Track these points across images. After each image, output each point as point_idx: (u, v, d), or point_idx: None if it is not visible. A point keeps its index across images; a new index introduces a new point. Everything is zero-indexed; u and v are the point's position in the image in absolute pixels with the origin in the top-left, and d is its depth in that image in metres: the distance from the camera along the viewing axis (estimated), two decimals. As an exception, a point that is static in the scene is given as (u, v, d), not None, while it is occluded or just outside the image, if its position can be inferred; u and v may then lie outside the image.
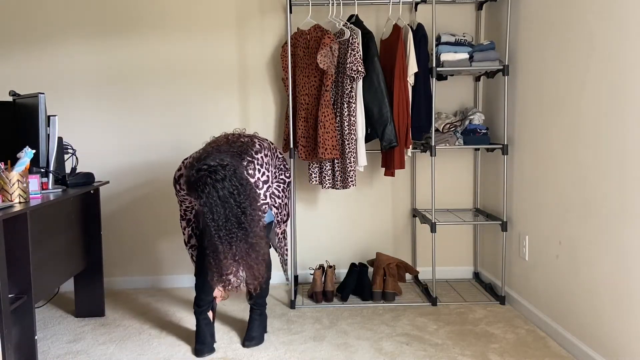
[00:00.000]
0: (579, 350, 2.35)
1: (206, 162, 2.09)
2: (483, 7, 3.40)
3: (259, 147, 2.41)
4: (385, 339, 2.61)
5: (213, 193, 2.05)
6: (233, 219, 2.10)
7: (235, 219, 2.10)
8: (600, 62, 2.18)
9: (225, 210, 2.08)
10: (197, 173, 2.07)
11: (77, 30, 3.37)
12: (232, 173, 2.10)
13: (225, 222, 2.09)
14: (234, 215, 2.10)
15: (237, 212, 2.10)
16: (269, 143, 2.56)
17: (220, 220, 2.08)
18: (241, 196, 2.10)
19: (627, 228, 2.03)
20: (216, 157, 2.12)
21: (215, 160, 2.10)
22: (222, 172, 2.07)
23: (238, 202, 2.10)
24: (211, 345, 2.51)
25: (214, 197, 2.06)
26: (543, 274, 2.69)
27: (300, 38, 3.15)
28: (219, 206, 2.07)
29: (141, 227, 3.49)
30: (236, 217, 2.10)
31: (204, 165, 2.08)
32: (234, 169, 2.12)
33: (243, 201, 2.11)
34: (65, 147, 2.83)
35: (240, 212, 2.11)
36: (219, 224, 2.08)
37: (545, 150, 2.65)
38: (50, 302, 3.23)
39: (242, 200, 2.11)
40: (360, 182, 3.51)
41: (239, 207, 2.10)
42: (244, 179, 2.15)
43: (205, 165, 2.08)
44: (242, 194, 2.11)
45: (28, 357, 2.22)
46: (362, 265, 3.28)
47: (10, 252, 2.17)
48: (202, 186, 2.06)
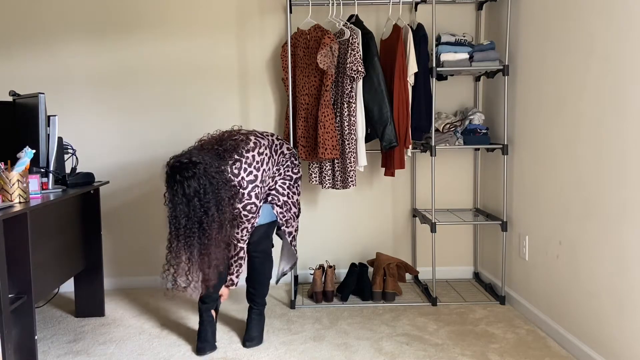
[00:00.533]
0: (579, 351, 2.35)
1: (179, 158, 2.10)
2: (483, 7, 3.40)
3: (254, 145, 2.38)
4: (385, 339, 2.61)
5: (179, 190, 2.06)
6: (195, 218, 2.09)
7: (197, 218, 2.10)
8: (601, 62, 2.19)
9: (189, 209, 2.08)
10: (170, 169, 2.09)
11: (77, 30, 3.37)
12: (202, 171, 2.08)
13: (187, 221, 2.09)
14: (196, 215, 2.09)
15: (199, 212, 2.09)
16: (272, 140, 2.50)
17: (182, 218, 2.08)
18: (207, 196, 2.09)
19: (627, 228, 2.03)
20: (192, 155, 2.12)
21: (187, 158, 2.09)
22: (192, 170, 2.07)
23: (202, 202, 2.08)
24: (212, 344, 2.51)
25: (179, 195, 2.06)
26: (543, 274, 2.69)
27: (300, 38, 3.15)
28: (183, 204, 2.07)
29: (141, 227, 3.49)
30: (198, 216, 2.09)
31: (176, 162, 2.09)
32: (204, 167, 2.10)
33: (208, 201, 2.09)
34: (65, 147, 2.83)
35: (202, 212, 2.10)
36: (179, 221, 2.09)
37: (545, 150, 2.65)
38: (50, 302, 3.23)
39: (207, 200, 2.09)
40: (360, 182, 3.51)
41: (202, 207, 2.09)
42: (215, 178, 2.12)
43: (178, 162, 2.09)
44: (209, 193, 2.09)
45: (28, 357, 2.22)
46: (362, 265, 3.28)
47: (10, 252, 2.16)
48: (170, 182, 2.08)
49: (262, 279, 2.61)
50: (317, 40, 3.08)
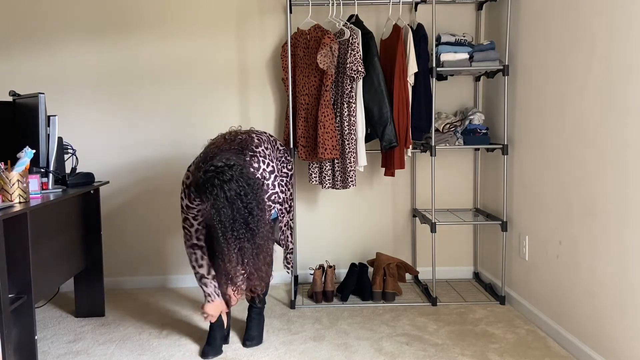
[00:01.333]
0: (579, 351, 2.35)
1: (212, 163, 2.05)
2: (483, 7, 3.40)
3: (258, 141, 2.39)
4: (385, 339, 2.61)
5: (220, 194, 2.01)
6: (240, 219, 2.06)
7: (243, 219, 2.07)
8: (601, 61, 2.18)
9: (233, 212, 2.04)
10: (205, 175, 2.03)
11: (77, 30, 3.37)
12: (239, 173, 2.06)
13: (233, 223, 2.05)
14: (242, 216, 2.06)
15: (244, 212, 2.06)
16: (268, 136, 2.53)
17: (228, 222, 2.04)
18: (248, 196, 2.06)
19: (627, 228, 2.03)
20: (222, 157, 2.08)
21: (221, 161, 2.05)
22: (229, 173, 2.03)
23: (245, 203, 2.06)
24: (219, 348, 2.49)
25: (221, 199, 2.01)
26: (543, 274, 2.69)
27: (300, 38, 3.15)
28: (227, 207, 2.02)
29: (141, 227, 3.49)
30: (243, 217, 2.07)
31: (211, 167, 2.04)
32: (240, 168, 2.07)
33: (250, 202, 2.07)
34: (65, 147, 2.83)
35: (247, 213, 2.07)
36: (226, 225, 2.04)
37: (545, 150, 2.65)
38: (50, 302, 3.23)
39: (249, 200, 2.07)
40: (360, 182, 3.51)
41: (246, 207, 2.06)
42: (251, 178, 2.11)
43: (212, 167, 2.04)
44: (250, 194, 2.07)
45: (28, 357, 2.22)
46: (362, 265, 3.28)
47: (10, 252, 2.16)
48: (210, 188, 2.02)
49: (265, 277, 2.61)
50: (317, 40, 3.08)
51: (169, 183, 3.47)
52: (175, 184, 3.47)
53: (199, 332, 2.74)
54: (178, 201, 3.47)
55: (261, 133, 2.50)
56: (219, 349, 2.50)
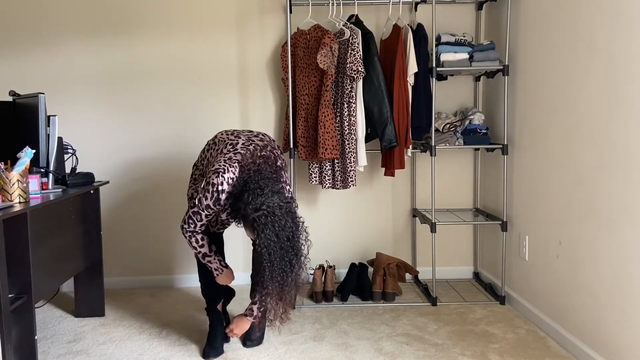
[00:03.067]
0: (579, 350, 2.35)
1: (264, 202, 2.08)
2: (483, 7, 3.40)
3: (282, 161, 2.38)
4: (385, 339, 2.61)
5: (272, 235, 2.07)
6: (287, 258, 2.12)
7: (288, 259, 2.12)
8: (601, 62, 2.18)
9: (281, 251, 2.10)
10: (256, 212, 2.07)
11: (77, 31, 3.37)
12: (286, 213, 2.11)
13: (280, 261, 2.10)
14: (288, 255, 2.12)
15: (290, 253, 2.12)
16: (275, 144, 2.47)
17: (276, 261, 2.09)
18: (295, 238, 2.13)
19: (627, 228, 2.03)
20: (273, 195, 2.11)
21: (272, 201, 2.09)
22: (279, 213, 2.08)
23: (292, 244, 2.12)
24: (220, 348, 2.49)
25: (273, 238, 2.07)
26: (543, 274, 2.69)
27: (300, 38, 3.15)
28: (277, 247, 2.08)
29: (141, 227, 3.49)
30: (289, 257, 2.12)
31: (263, 206, 2.07)
32: (288, 209, 2.13)
33: (296, 242, 2.14)
34: (65, 147, 2.83)
35: (293, 254, 2.13)
36: (274, 264, 2.09)
37: (545, 150, 2.65)
38: (50, 302, 3.23)
39: (295, 241, 2.13)
40: (360, 182, 3.51)
41: (293, 248, 2.13)
42: (297, 218, 2.17)
43: (264, 206, 2.07)
44: (296, 236, 2.14)
45: (28, 357, 2.22)
46: (362, 265, 3.28)
47: (10, 252, 2.16)
48: (262, 227, 2.07)
49: None
50: (317, 40, 3.08)
51: (169, 183, 3.47)
52: (176, 184, 3.47)
53: (199, 332, 2.74)
54: (178, 201, 3.47)
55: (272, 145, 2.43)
56: (220, 348, 2.49)
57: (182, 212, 3.48)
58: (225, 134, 2.45)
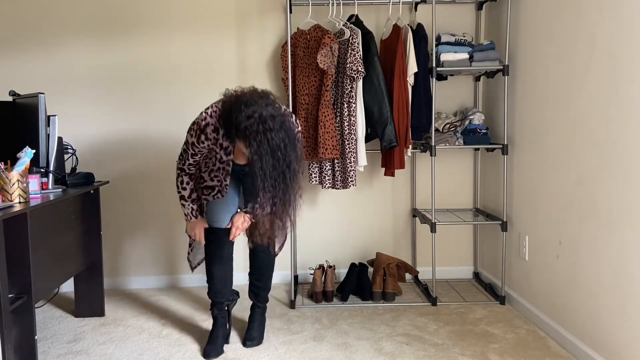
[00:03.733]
0: (579, 350, 2.35)
1: (256, 109, 2.08)
2: (483, 7, 3.40)
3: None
4: (385, 339, 2.61)
5: (264, 142, 2.06)
6: (279, 169, 2.12)
7: (281, 170, 2.13)
8: (601, 61, 2.19)
9: (274, 160, 2.10)
10: (248, 120, 2.06)
11: (77, 31, 3.37)
12: (280, 124, 2.10)
13: (272, 171, 2.11)
14: (280, 167, 2.12)
15: (282, 164, 2.12)
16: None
17: (268, 170, 2.10)
18: (287, 149, 2.12)
19: (627, 228, 2.03)
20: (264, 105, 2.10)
21: (266, 110, 2.09)
22: (271, 123, 2.07)
23: (284, 155, 2.11)
24: (220, 348, 2.50)
25: (264, 146, 2.07)
26: (543, 274, 2.69)
27: (300, 38, 3.15)
28: (268, 155, 2.08)
29: (141, 227, 3.49)
30: (281, 169, 2.12)
31: (255, 113, 2.07)
32: (282, 120, 2.12)
33: (289, 154, 2.13)
34: (65, 147, 2.83)
35: (285, 165, 2.13)
36: (266, 173, 2.10)
37: (545, 150, 2.65)
38: (50, 302, 3.23)
39: (288, 153, 2.12)
40: (360, 182, 3.51)
41: (285, 159, 2.12)
42: (292, 131, 2.16)
43: (257, 114, 2.07)
44: (289, 147, 2.12)
45: (28, 357, 2.22)
46: (362, 265, 3.28)
47: (10, 252, 2.16)
48: (253, 134, 2.06)
49: (267, 270, 2.64)
50: (317, 40, 3.08)
51: (169, 183, 3.47)
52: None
53: (199, 332, 2.74)
54: (178, 201, 3.47)
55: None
56: (221, 348, 2.50)
57: (182, 212, 3.48)
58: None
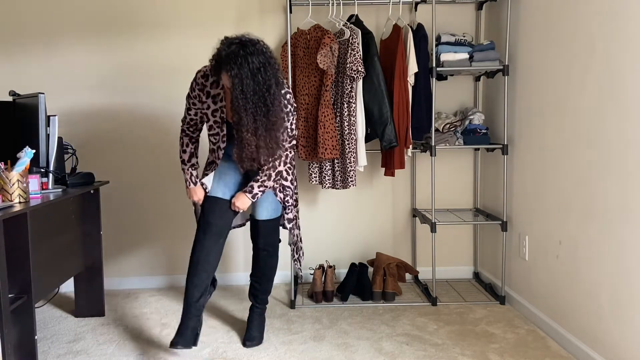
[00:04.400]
0: (579, 350, 2.35)
1: (238, 37, 2.20)
2: (483, 7, 3.40)
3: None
4: (385, 339, 2.62)
5: (244, 65, 2.13)
6: (260, 93, 2.18)
7: (261, 93, 2.19)
8: (601, 61, 2.19)
9: (254, 84, 2.16)
10: (229, 47, 2.16)
11: (78, 30, 3.37)
12: (261, 50, 2.19)
13: (253, 95, 2.17)
14: (260, 90, 2.18)
15: (262, 88, 2.18)
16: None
17: (249, 93, 2.16)
18: (268, 73, 2.19)
19: (627, 228, 2.03)
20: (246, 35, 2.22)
21: (246, 37, 2.20)
22: (253, 47, 2.17)
23: (264, 79, 2.18)
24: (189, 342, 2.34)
25: (244, 69, 2.14)
26: (543, 274, 2.69)
27: (300, 38, 3.15)
28: (249, 78, 2.15)
29: (141, 227, 3.49)
30: (262, 92, 2.19)
31: (236, 40, 2.18)
32: (263, 45, 2.21)
33: (270, 78, 2.19)
34: (65, 147, 2.83)
35: (265, 89, 2.19)
36: (246, 95, 2.16)
37: (545, 150, 2.65)
38: (50, 302, 3.23)
39: (268, 77, 2.19)
40: (360, 182, 3.51)
41: (265, 83, 2.18)
42: (272, 57, 2.24)
43: (237, 40, 2.18)
44: (269, 71, 2.19)
45: (28, 357, 2.22)
46: (362, 265, 3.28)
47: (10, 252, 2.17)
48: (234, 57, 2.14)
49: (269, 274, 2.62)
50: (317, 40, 3.08)
51: (169, 183, 3.47)
52: (176, 184, 3.47)
53: (199, 332, 2.74)
54: (178, 200, 3.47)
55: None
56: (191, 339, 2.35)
57: (182, 212, 3.49)
58: None
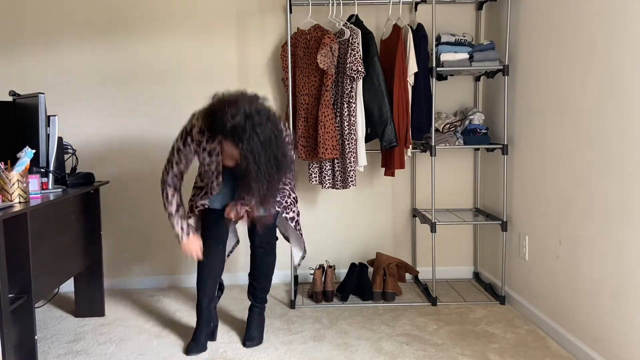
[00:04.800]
0: (579, 350, 2.35)
1: (240, 107, 2.11)
2: (483, 7, 3.40)
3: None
4: (385, 339, 2.61)
5: (254, 137, 2.10)
6: (273, 161, 2.16)
7: (274, 162, 2.17)
8: (601, 61, 2.19)
9: (266, 154, 2.13)
10: (233, 118, 2.09)
11: (77, 30, 3.37)
12: (266, 118, 2.14)
13: (267, 165, 2.14)
14: (273, 159, 2.16)
15: (275, 155, 2.16)
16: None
17: (262, 164, 2.13)
18: (278, 140, 2.17)
19: (627, 228, 2.03)
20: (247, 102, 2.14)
21: (249, 107, 2.12)
22: (257, 118, 2.11)
23: (275, 146, 2.15)
24: (204, 345, 2.51)
25: (255, 142, 2.10)
26: (543, 274, 2.69)
27: (300, 38, 3.15)
28: (260, 149, 2.11)
29: (141, 227, 3.49)
30: (275, 160, 2.16)
31: (240, 111, 2.10)
32: (267, 114, 2.16)
33: (280, 144, 2.18)
34: (65, 147, 2.83)
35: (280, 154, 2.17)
36: (260, 167, 2.13)
37: (545, 150, 2.65)
38: (50, 302, 3.23)
39: (279, 143, 2.17)
40: (360, 182, 3.51)
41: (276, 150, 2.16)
42: (277, 123, 2.21)
43: (241, 111, 2.10)
44: (279, 137, 2.17)
45: (28, 357, 2.22)
46: (362, 265, 3.28)
47: (10, 252, 2.16)
48: (241, 132, 2.09)
49: (267, 272, 2.62)
50: (317, 40, 3.08)
51: (169, 183, 3.47)
52: (175, 184, 3.47)
53: (199, 332, 2.74)
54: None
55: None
56: (203, 346, 2.51)
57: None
58: None
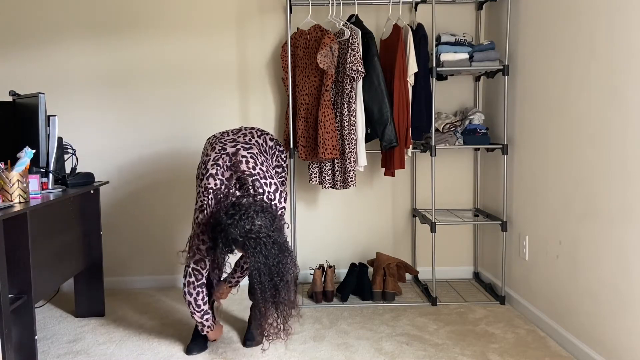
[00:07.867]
0: (579, 350, 2.35)
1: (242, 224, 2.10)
2: (483, 7, 3.40)
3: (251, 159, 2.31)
4: (385, 339, 2.61)
5: (259, 258, 2.13)
6: (274, 280, 2.17)
7: (277, 271, 2.17)
8: (601, 61, 2.19)
9: (269, 267, 2.15)
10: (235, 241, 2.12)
11: (77, 30, 3.37)
12: (265, 234, 2.13)
13: (269, 283, 2.17)
14: (277, 267, 2.17)
15: (279, 266, 2.17)
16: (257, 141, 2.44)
17: (266, 282, 2.16)
18: (280, 256, 2.17)
19: (627, 228, 2.03)
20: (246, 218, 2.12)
21: (249, 224, 2.11)
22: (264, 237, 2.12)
23: (279, 259, 2.17)
24: (203, 346, 2.54)
25: (259, 260, 2.13)
26: (543, 274, 2.69)
27: (300, 38, 3.15)
28: (264, 267, 2.14)
29: (141, 227, 3.49)
30: (278, 269, 2.17)
31: (251, 231, 2.10)
32: (267, 229, 2.14)
33: (284, 258, 2.18)
34: (65, 147, 2.83)
35: (279, 269, 2.18)
36: (264, 284, 2.16)
37: (545, 150, 2.65)
38: (50, 302, 3.23)
39: (284, 257, 2.18)
40: (360, 182, 3.51)
41: (280, 262, 2.17)
42: (279, 238, 2.20)
43: (239, 232, 2.10)
44: (281, 253, 2.18)
45: (28, 357, 2.22)
46: (362, 265, 3.28)
47: (10, 252, 2.17)
48: (251, 250, 2.12)
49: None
50: (317, 40, 3.08)
51: (169, 183, 3.47)
52: (175, 184, 3.47)
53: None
54: (177, 200, 3.47)
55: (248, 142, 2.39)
56: (203, 346, 2.53)
57: (181, 211, 3.49)
58: (207, 142, 2.46)
